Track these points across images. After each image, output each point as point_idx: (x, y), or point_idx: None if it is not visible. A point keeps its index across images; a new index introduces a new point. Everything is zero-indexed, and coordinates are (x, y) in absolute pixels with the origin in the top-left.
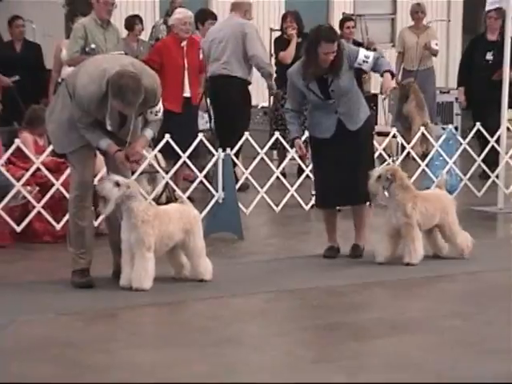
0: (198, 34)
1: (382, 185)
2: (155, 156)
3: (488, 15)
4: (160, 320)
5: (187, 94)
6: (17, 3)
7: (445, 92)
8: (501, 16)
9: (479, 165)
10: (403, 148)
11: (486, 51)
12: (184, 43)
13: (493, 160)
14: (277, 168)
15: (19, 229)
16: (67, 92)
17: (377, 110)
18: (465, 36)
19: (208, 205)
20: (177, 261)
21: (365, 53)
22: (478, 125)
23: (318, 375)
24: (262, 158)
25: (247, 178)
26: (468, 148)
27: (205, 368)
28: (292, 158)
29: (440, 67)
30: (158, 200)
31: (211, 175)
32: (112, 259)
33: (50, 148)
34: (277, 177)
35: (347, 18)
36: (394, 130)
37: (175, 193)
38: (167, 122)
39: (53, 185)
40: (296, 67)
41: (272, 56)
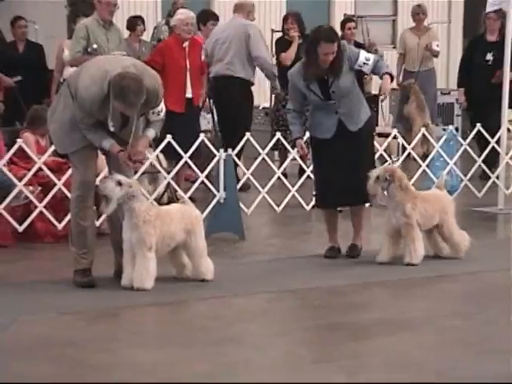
0: (200, 35)
1: (381, 185)
2: (157, 156)
3: (487, 16)
4: (161, 319)
5: (189, 95)
6: (19, 4)
7: (445, 93)
8: (500, 17)
9: (479, 165)
10: (404, 149)
11: (486, 52)
12: (186, 44)
13: (493, 161)
14: (278, 168)
15: (21, 228)
16: (69, 92)
17: (378, 111)
18: (465, 37)
19: (209, 205)
20: (178, 261)
21: (365, 55)
22: (479, 126)
23: (319, 375)
24: (264, 159)
25: (248, 179)
26: (468, 149)
27: (206, 367)
28: (293, 159)
29: (441, 68)
30: (160, 200)
31: (213, 175)
32: (114, 259)
33: (52, 148)
34: (278, 177)
35: (348, 19)
36: (395, 131)
37: (177, 193)
38: (169, 123)
39: (55, 185)
40: (297, 68)
41: (273, 57)
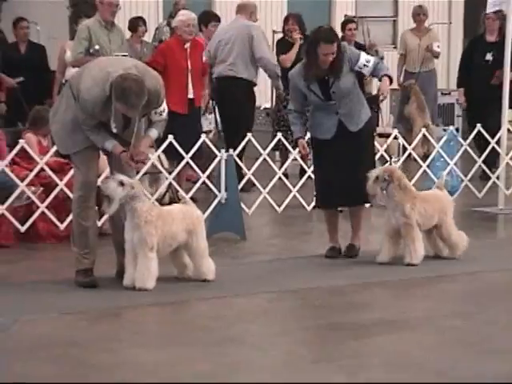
0: (202, 36)
1: (380, 186)
2: (158, 157)
3: (486, 16)
4: (163, 319)
5: (190, 96)
6: (21, 5)
7: (446, 94)
8: (499, 17)
9: (480, 166)
10: (404, 149)
11: (486, 52)
12: (187, 45)
13: (493, 161)
14: (279, 169)
15: (23, 229)
16: (71, 93)
17: (378, 112)
18: (466, 38)
19: (211, 205)
20: (180, 261)
21: (366, 57)
22: (479, 126)
23: (319, 375)
24: (265, 159)
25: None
26: (469, 149)
27: (208, 367)
28: (294, 159)
29: (441, 69)
30: (161, 200)
31: (214, 175)
32: (115, 259)
33: (54, 148)
34: (279, 177)
35: (349, 20)
36: (396, 132)
37: (178, 193)
38: (171, 123)
39: (57, 185)
40: (297, 68)
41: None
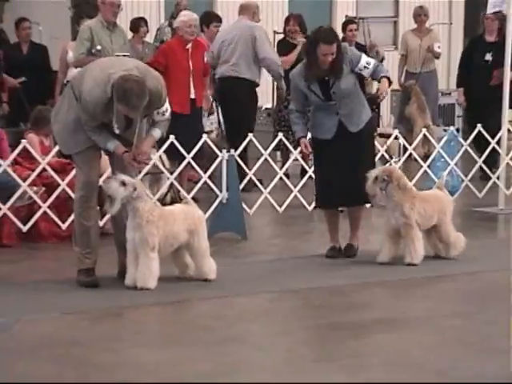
0: (203, 37)
1: (379, 186)
2: (160, 157)
3: (485, 16)
4: (164, 319)
5: (192, 96)
6: (23, 5)
7: (446, 94)
8: (497, 17)
9: (480, 166)
10: (405, 149)
11: (485, 52)
12: (189, 45)
13: (493, 161)
14: (280, 169)
15: (25, 229)
16: (73, 94)
17: (379, 112)
18: (466, 38)
19: (212, 205)
20: (181, 261)
21: (366, 59)
22: (479, 126)
23: (319, 374)
24: (266, 159)
25: (251, 179)
26: (469, 149)
27: (209, 366)
28: (295, 159)
29: (442, 69)
30: (163, 200)
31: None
32: (117, 259)
33: (56, 149)
34: (280, 177)
35: (350, 21)
36: (396, 132)
37: (180, 193)
38: (173, 124)
39: (58, 185)
40: (298, 69)
41: None
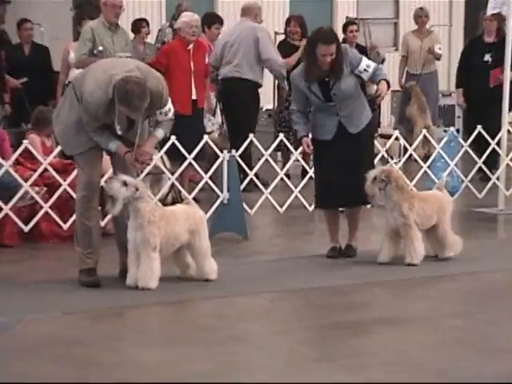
0: (204, 38)
1: (378, 186)
2: (161, 157)
3: (484, 17)
4: (166, 319)
5: (193, 97)
6: (25, 6)
7: (447, 95)
8: (496, 18)
9: (480, 167)
10: (405, 150)
11: (484, 53)
12: (190, 46)
13: (493, 162)
14: (281, 169)
15: (27, 229)
16: (74, 95)
17: (379, 113)
18: (466, 40)
19: (213, 205)
20: (182, 261)
21: (367, 62)
22: (479, 127)
23: (320, 374)
24: (267, 160)
25: (252, 179)
26: (469, 150)
27: (210, 366)
28: (296, 160)
29: (442, 70)
30: (164, 201)
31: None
32: (118, 259)
33: (58, 149)
34: (281, 178)
35: (350, 22)
36: (397, 133)
37: (181, 194)
38: (174, 124)
39: (60, 185)
40: (299, 69)
41: None
